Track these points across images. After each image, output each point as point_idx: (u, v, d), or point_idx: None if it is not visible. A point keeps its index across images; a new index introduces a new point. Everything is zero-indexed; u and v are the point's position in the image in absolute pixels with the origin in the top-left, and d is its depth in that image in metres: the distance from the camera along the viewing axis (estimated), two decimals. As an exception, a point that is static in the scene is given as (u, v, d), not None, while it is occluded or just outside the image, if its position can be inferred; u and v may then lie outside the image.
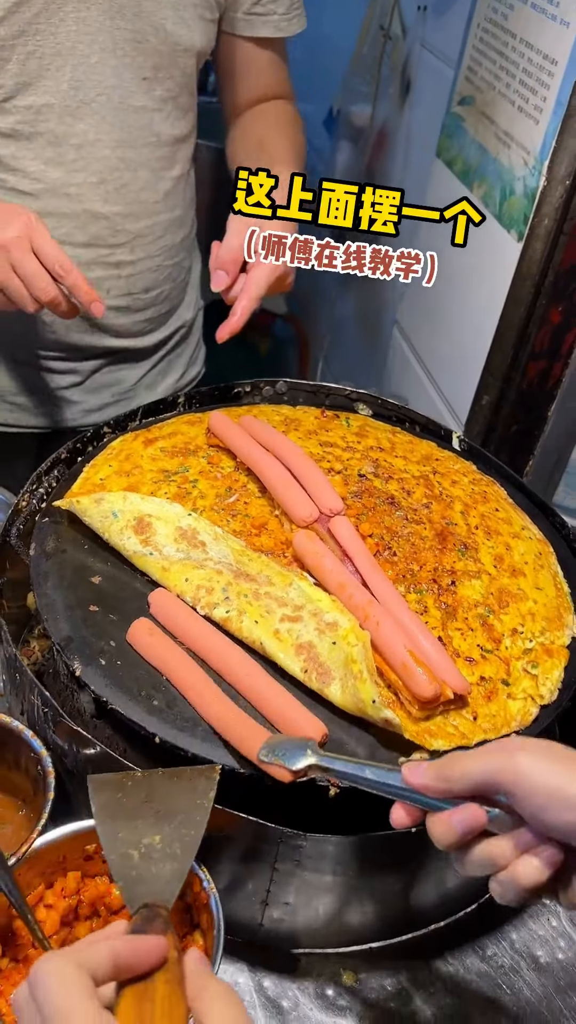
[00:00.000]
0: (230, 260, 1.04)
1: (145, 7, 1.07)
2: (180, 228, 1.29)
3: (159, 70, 1.12)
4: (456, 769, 0.57)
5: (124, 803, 0.65)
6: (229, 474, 1.00)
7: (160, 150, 1.18)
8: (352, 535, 0.89)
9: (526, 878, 0.54)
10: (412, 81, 1.70)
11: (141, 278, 1.25)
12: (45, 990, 0.45)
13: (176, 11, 1.10)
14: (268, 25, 1.27)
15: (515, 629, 0.86)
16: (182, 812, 0.64)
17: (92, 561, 0.89)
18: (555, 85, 1.12)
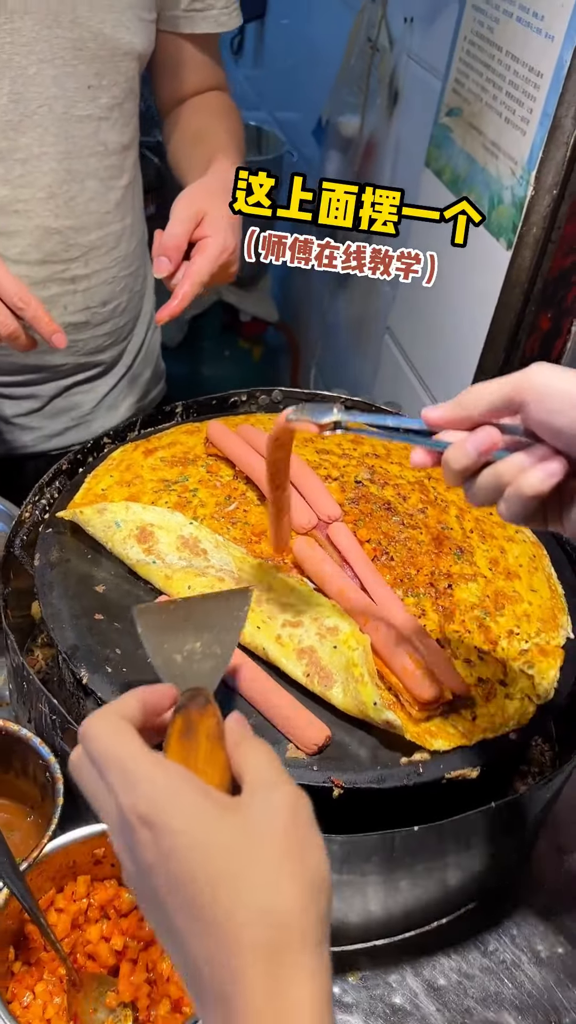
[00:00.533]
0: (173, 247, 1.03)
1: (81, 13, 1.03)
2: (132, 237, 1.27)
3: (102, 77, 1.09)
4: (472, 394, 0.59)
5: (166, 621, 0.70)
6: (228, 482, 1.01)
7: (108, 159, 1.16)
8: (350, 541, 0.91)
9: (529, 487, 0.57)
10: (400, 92, 1.73)
11: (98, 291, 1.23)
12: (97, 743, 0.49)
13: (114, 14, 1.07)
14: (208, 21, 1.24)
15: (511, 631, 0.88)
16: (219, 624, 0.69)
17: (96, 570, 0.90)
18: (541, 97, 1.15)
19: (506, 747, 0.79)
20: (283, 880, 0.44)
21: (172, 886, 0.44)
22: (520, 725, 0.80)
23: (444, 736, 0.77)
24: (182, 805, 0.46)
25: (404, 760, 0.75)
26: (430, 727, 0.77)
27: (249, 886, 0.44)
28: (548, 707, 0.82)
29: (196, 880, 0.44)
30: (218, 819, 0.45)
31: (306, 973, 0.43)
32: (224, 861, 0.44)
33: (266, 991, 0.42)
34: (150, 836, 0.45)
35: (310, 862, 0.45)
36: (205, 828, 0.45)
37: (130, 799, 0.46)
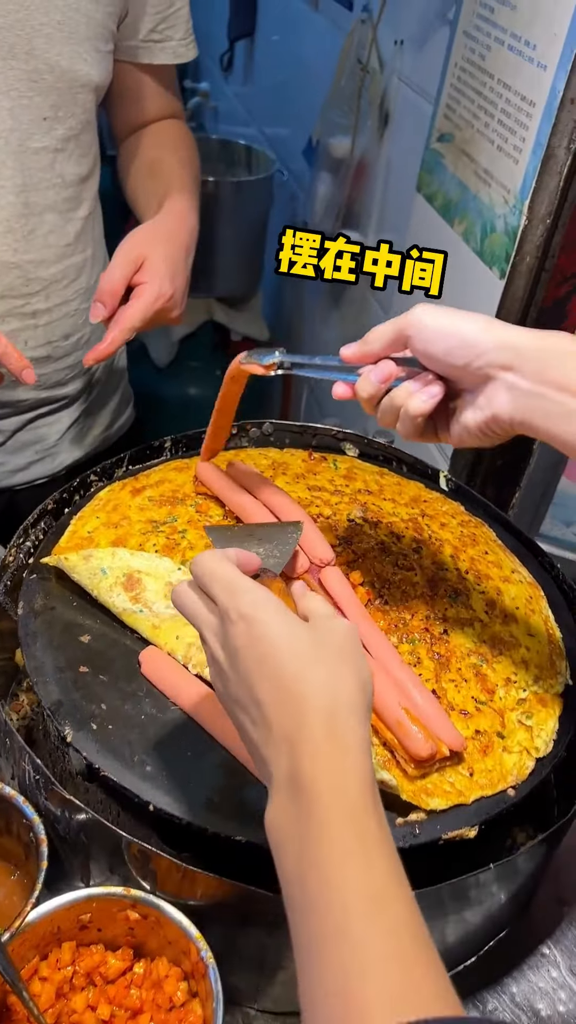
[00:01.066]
0: (108, 292, 1.05)
1: (37, 45, 1.02)
2: (94, 268, 1.24)
3: (59, 109, 1.08)
4: (373, 333, 0.75)
5: (233, 535, 0.86)
6: (218, 523, 0.99)
7: (66, 191, 1.14)
8: (344, 586, 0.89)
9: (414, 408, 0.72)
10: (391, 115, 1.71)
11: (59, 325, 1.20)
12: (207, 566, 0.62)
13: (71, 46, 1.05)
14: (166, 52, 1.24)
15: (508, 678, 0.86)
16: (277, 539, 0.81)
17: (82, 618, 0.88)
18: (533, 126, 1.13)
19: (505, 803, 0.76)
20: (342, 669, 0.57)
21: (259, 660, 0.57)
22: (519, 780, 0.78)
23: (440, 794, 0.75)
24: (273, 609, 0.59)
25: (400, 821, 0.73)
26: (426, 784, 0.75)
27: (318, 666, 0.56)
28: (547, 760, 0.80)
29: (280, 656, 0.56)
30: (298, 623, 0.59)
31: (354, 726, 0.54)
32: (302, 646, 0.57)
33: (324, 730, 0.54)
34: (245, 627, 0.58)
35: (359, 665, 0.58)
36: (289, 626, 0.58)
37: (233, 602, 0.59)
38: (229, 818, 0.72)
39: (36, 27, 1.01)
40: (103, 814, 0.79)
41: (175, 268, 1.11)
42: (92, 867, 0.79)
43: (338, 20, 1.98)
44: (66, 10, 1.03)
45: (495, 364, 0.68)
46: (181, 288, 1.12)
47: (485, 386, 0.70)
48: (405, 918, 0.49)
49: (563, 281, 1.19)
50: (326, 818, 0.52)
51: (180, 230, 1.16)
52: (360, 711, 0.56)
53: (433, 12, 1.48)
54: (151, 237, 1.11)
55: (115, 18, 1.12)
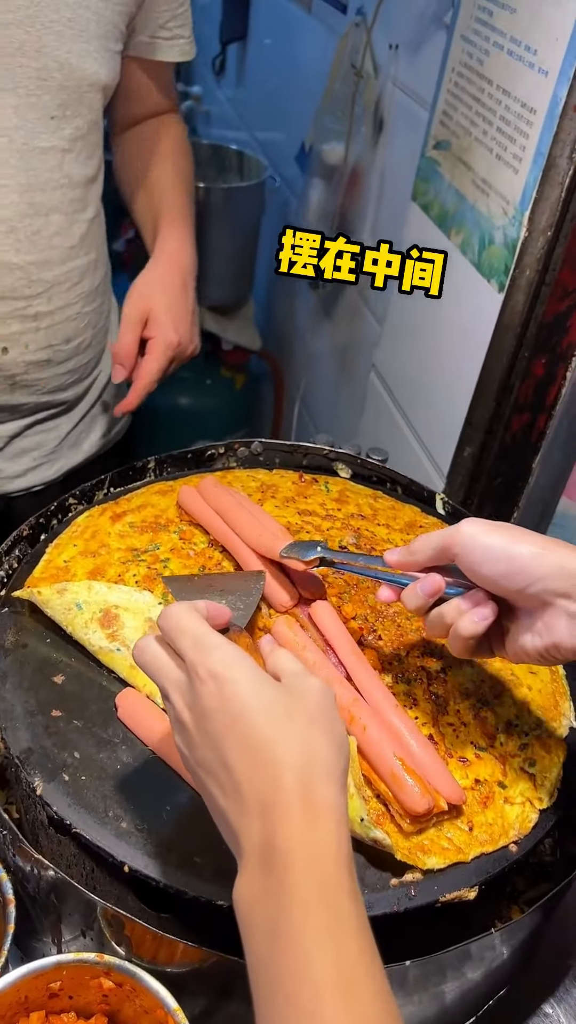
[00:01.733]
0: (124, 355, 1.17)
1: (47, 42, 1.00)
2: (96, 271, 1.23)
3: (66, 108, 1.06)
4: (417, 543, 0.72)
5: (193, 586, 0.81)
6: (203, 551, 0.94)
7: (72, 192, 1.12)
8: (334, 621, 0.84)
9: (464, 629, 0.68)
10: (385, 121, 1.66)
11: (61, 328, 1.18)
12: (175, 620, 0.59)
13: (80, 44, 1.04)
14: (175, 49, 1.24)
15: (510, 721, 0.81)
16: (240, 589, 0.79)
17: (56, 656, 0.83)
18: (534, 135, 1.08)
19: (506, 860, 0.71)
20: (317, 730, 0.54)
21: (230, 721, 0.54)
22: (521, 835, 0.73)
23: (438, 852, 0.69)
24: (244, 668, 0.56)
25: (394, 882, 0.68)
26: (422, 841, 0.70)
27: (293, 727, 0.53)
28: (550, 812, 0.75)
29: (251, 717, 0.53)
30: (270, 682, 0.56)
31: (331, 793, 0.52)
32: (274, 706, 0.54)
33: (299, 796, 0.51)
34: (215, 687, 0.55)
35: (335, 727, 0.56)
36: (260, 685, 0.55)
37: (202, 659, 0.56)
38: (210, 881, 0.66)
39: (46, 24, 0.99)
40: (76, 868, 0.74)
41: (176, 316, 1.19)
42: (63, 928, 0.74)
43: (332, 23, 1.94)
44: (76, 7, 1.01)
45: (552, 591, 0.64)
46: (187, 331, 1.21)
47: (543, 611, 0.66)
48: (378, 1007, 0.47)
49: (564, 296, 1.14)
50: (300, 894, 0.49)
51: (175, 273, 1.23)
52: (337, 775, 0.53)
53: (429, 15, 1.43)
54: (150, 290, 1.20)
55: (126, 17, 1.11)
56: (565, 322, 1.16)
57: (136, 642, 0.62)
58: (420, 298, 1.45)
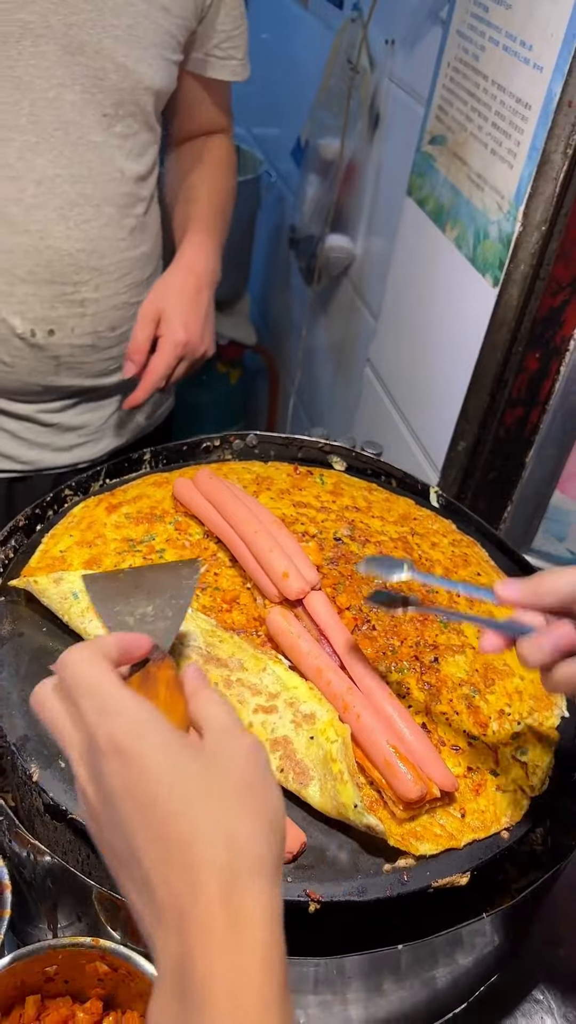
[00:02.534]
0: (136, 350, 1.20)
1: (106, 44, 1.06)
2: (147, 265, 1.28)
3: (119, 107, 1.12)
4: (549, 582, 0.61)
5: (117, 587, 0.72)
6: (198, 541, 0.94)
7: (124, 186, 1.18)
8: (329, 611, 0.84)
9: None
10: (381, 116, 1.67)
11: (106, 316, 1.23)
12: (76, 670, 0.51)
13: (138, 50, 1.09)
14: (227, 69, 1.30)
15: (502, 710, 0.81)
16: (171, 590, 0.71)
17: (52, 644, 0.83)
18: (529, 130, 1.09)
19: (498, 847, 0.72)
20: (243, 812, 0.46)
21: (139, 808, 0.46)
22: (513, 822, 0.73)
23: (431, 838, 0.70)
24: (156, 738, 0.48)
25: (387, 867, 0.69)
26: (415, 828, 0.71)
27: (212, 812, 0.45)
28: (542, 799, 0.76)
29: (163, 803, 0.45)
30: (187, 753, 0.48)
31: (261, 893, 0.44)
32: (191, 788, 0.46)
33: (222, 903, 0.43)
34: (121, 763, 0.47)
35: (267, 802, 0.47)
36: (176, 759, 0.47)
37: (105, 727, 0.48)
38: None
39: (107, 28, 1.05)
40: (72, 855, 0.74)
41: (186, 317, 1.22)
42: (59, 913, 0.75)
43: (328, 19, 1.94)
44: (137, 16, 1.08)
45: None
46: (197, 331, 1.24)
47: None
48: None
49: (559, 290, 1.15)
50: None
51: (189, 278, 1.27)
52: (267, 868, 0.45)
53: (425, 11, 1.44)
54: (164, 292, 1.24)
55: (184, 31, 1.17)
56: (559, 316, 1.17)
57: (35, 690, 0.53)
58: (415, 293, 1.46)
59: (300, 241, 1.98)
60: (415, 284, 1.45)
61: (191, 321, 1.23)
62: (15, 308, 1.15)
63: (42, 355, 1.19)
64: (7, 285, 1.13)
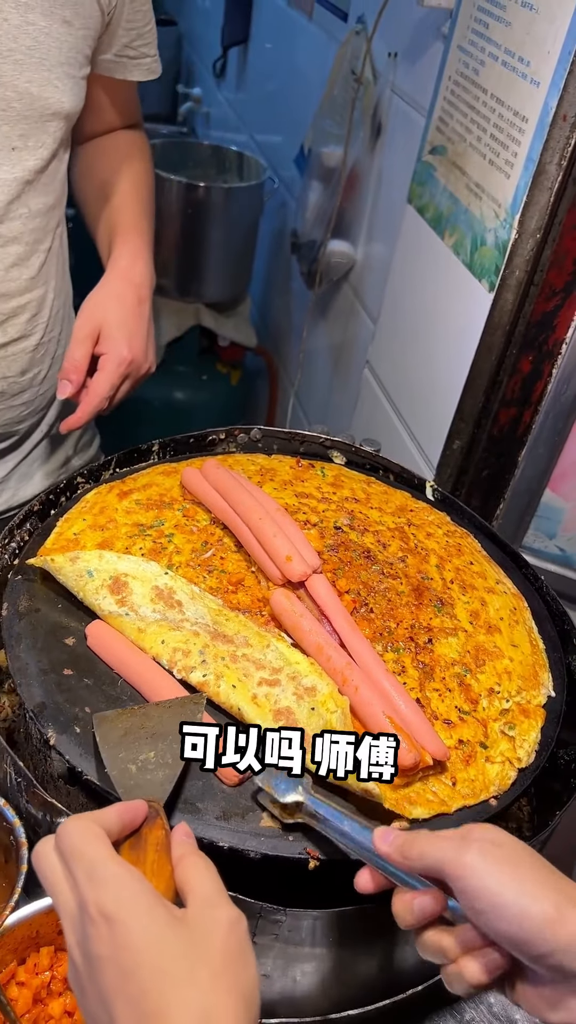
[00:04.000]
0: (72, 369, 1.08)
1: (5, 71, 0.96)
2: (56, 300, 1.19)
3: (28, 138, 1.02)
4: (415, 849, 0.59)
5: (124, 727, 0.74)
6: (205, 527, 0.99)
7: (32, 222, 1.08)
8: (329, 593, 0.89)
9: (471, 976, 0.56)
10: (383, 126, 1.72)
11: (16, 360, 1.13)
12: (72, 840, 0.54)
13: (42, 72, 0.99)
14: (141, 68, 1.21)
15: (492, 689, 0.86)
16: (172, 732, 0.72)
17: (67, 620, 0.87)
18: (525, 142, 1.14)
19: (486, 813, 0.77)
20: (220, 988, 0.48)
21: (120, 977, 0.48)
22: (501, 790, 0.78)
23: (423, 803, 0.75)
24: (141, 908, 0.50)
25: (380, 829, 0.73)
26: (409, 793, 0.75)
27: (190, 987, 0.48)
28: (529, 771, 0.81)
29: (144, 974, 0.47)
30: (169, 925, 0.50)
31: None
32: (171, 961, 0.48)
33: None
34: (107, 931, 0.49)
35: (244, 977, 0.50)
36: (158, 931, 0.49)
37: (95, 895, 0.50)
38: (213, 824, 0.71)
39: (4, 53, 0.95)
40: (84, 818, 0.78)
41: (130, 331, 1.12)
42: (72, 871, 0.79)
43: (332, 30, 1.99)
44: (37, 35, 0.97)
45: (571, 970, 0.52)
46: (141, 348, 1.14)
47: (559, 985, 0.53)
48: None
49: (552, 295, 1.20)
50: None
51: (128, 289, 1.17)
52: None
53: (428, 26, 1.49)
54: (103, 305, 1.13)
55: (90, 40, 1.07)
56: (552, 321, 1.22)
57: (36, 846, 0.56)
58: (414, 297, 1.51)
59: (302, 246, 2.04)
60: (414, 289, 1.51)
61: (135, 336, 1.13)
62: None
63: None
64: None
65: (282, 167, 2.44)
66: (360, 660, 0.82)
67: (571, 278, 1.18)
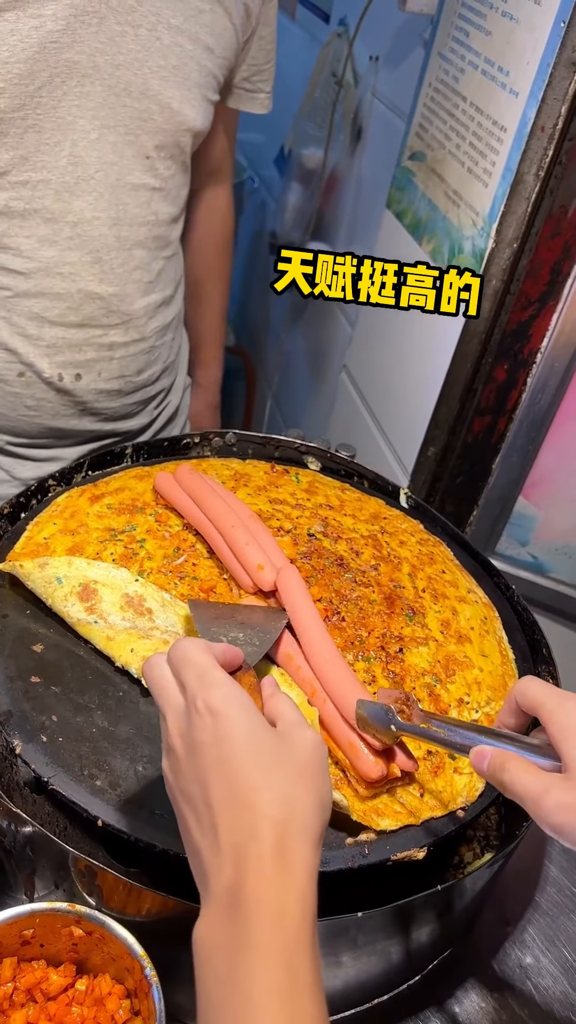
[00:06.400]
0: None
1: (152, 86, 1.06)
2: (171, 308, 1.28)
3: (161, 149, 1.12)
4: (505, 775, 0.61)
5: (216, 613, 0.81)
6: (177, 533, 0.98)
7: (157, 229, 1.17)
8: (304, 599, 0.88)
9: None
10: (364, 129, 1.72)
11: (134, 360, 1.23)
12: (186, 651, 0.59)
13: (182, 90, 1.09)
14: (255, 102, 1.31)
15: (461, 699, 0.86)
16: (260, 625, 0.80)
17: (35, 627, 0.87)
18: (504, 151, 1.15)
19: (454, 824, 0.77)
20: (303, 785, 0.55)
21: (218, 762, 0.54)
22: (468, 802, 0.78)
23: (391, 815, 0.75)
24: (244, 708, 0.56)
25: (350, 841, 0.73)
26: (377, 804, 0.75)
27: (279, 778, 0.54)
28: (497, 782, 0.81)
29: (240, 761, 0.54)
30: (265, 728, 0.57)
31: (304, 849, 0.52)
32: (264, 755, 0.55)
33: (274, 847, 0.51)
34: (211, 722, 0.55)
35: (322, 783, 0.56)
36: (256, 729, 0.56)
37: (204, 692, 0.57)
38: (177, 835, 0.71)
39: (154, 69, 1.05)
40: (50, 827, 0.78)
41: None
42: (37, 881, 0.78)
43: (315, 32, 1.99)
44: (183, 56, 1.07)
45: None
46: None
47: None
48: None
49: (528, 305, 1.20)
50: (262, 947, 0.49)
51: (212, 402, 1.58)
52: (314, 833, 0.53)
53: (409, 31, 1.49)
54: (201, 415, 1.56)
55: (225, 70, 1.17)
56: (527, 330, 1.22)
57: (148, 657, 0.63)
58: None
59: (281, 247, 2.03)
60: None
61: None
62: (43, 351, 1.15)
63: (67, 399, 1.19)
64: (36, 328, 1.13)
65: (262, 167, 2.43)
66: (330, 670, 0.82)
67: (547, 288, 1.19)
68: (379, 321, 1.56)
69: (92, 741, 0.77)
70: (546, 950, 0.91)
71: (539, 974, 0.88)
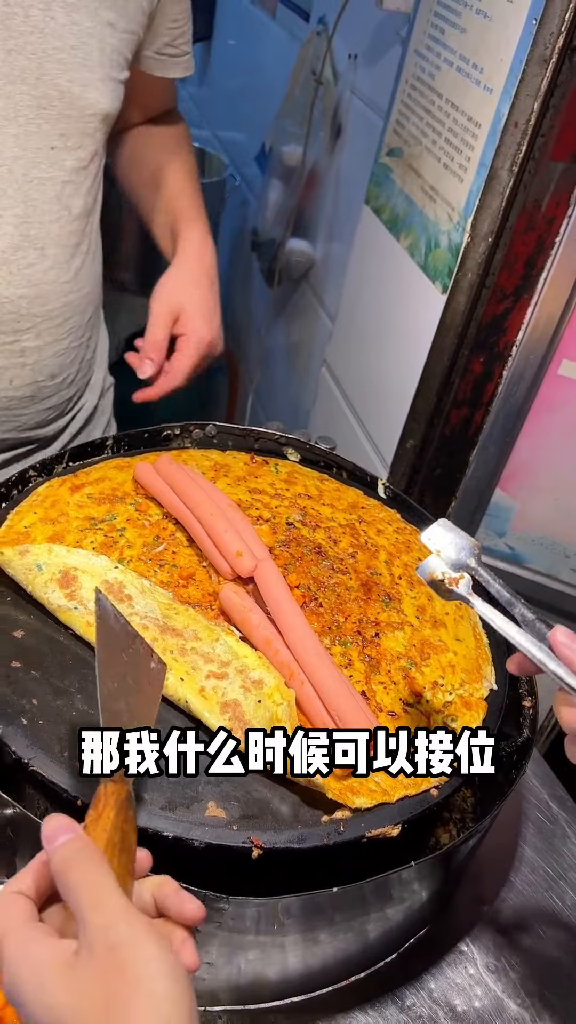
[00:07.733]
0: (154, 349, 1.16)
1: (49, 69, 0.97)
2: (88, 306, 1.20)
3: (67, 138, 1.03)
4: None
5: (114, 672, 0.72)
6: (157, 522, 1.00)
7: (71, 224, 1.09)
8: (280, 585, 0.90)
9: None
10: (343, 126, 1.74)
11: (48, 364, 1.14)
12: None
13: (84, 73, 1.00)
14: (179, 66, 1.24)
15: (435, 682, 0.88)
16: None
17: (16, 614, 0.87)
18: (478, 147, 1.17)
19: (427, 803, 0.78)
20: None
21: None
22: (442, 782, 0.80)
23: (365, 793, 0.76)
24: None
25: (325, 818, 0.75)
26: (352, 783, 0.77)
27: None
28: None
29: None
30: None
31: None
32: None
33: None
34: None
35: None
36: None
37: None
38: (157, 815, 0.72)
39: (49, 51, 0.97)
40: (30, 809, 0.79)
41: (210, 312, 1.21)
42: (18, 862, 0.79)
43: (294, 30, 2.01)
44: (81, 35, 0.98)
45: None
46: (217, 329, 1.24)
47: None
48: None
49: (503, 298, 1.22)
50: None
51: (202, 272, 1.25)
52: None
53: (387, 29, 1.51)
54: (181, 287, 1.21)
55: (133, 44, 1.08)
56: (502, 323, 1.24)
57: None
58: (370, 298, 1.53)
59: (262, 244, 2.05)
60: (370, 289, 1.53)
61: (213, 318, 1.21)
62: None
63: None
64: None
65: (244, 164, 2.44)
66: (307, 653, 0.83)
67: (521, 281, 1.21)
68: (359, 316, 1.58)
69: (73, 724, 0.78)
70: (521, 929, 0.93)
71: (513, 953, 0.90)
